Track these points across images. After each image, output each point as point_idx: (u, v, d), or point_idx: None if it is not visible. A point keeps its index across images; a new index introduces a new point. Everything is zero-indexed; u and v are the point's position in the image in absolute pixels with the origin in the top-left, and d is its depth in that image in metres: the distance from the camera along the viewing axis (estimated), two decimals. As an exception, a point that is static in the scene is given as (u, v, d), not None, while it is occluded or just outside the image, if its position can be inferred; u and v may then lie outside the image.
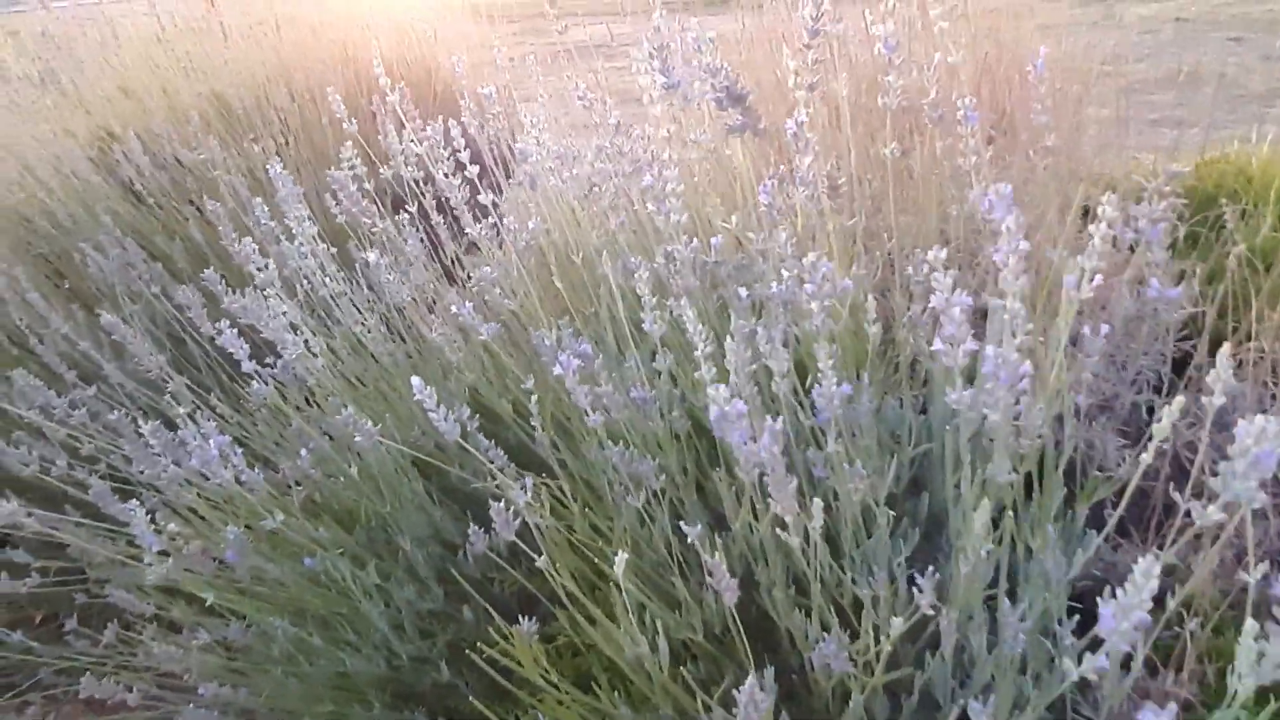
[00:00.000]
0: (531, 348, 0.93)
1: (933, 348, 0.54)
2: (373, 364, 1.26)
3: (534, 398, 0.81)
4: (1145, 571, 0.50)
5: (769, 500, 0.67)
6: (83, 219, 1.73)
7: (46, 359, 1.45)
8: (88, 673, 0.94)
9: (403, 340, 1.31)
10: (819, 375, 0.60)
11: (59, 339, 1.56)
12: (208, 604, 0.96)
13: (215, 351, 1.77)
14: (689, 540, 0.70)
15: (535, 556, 0.91)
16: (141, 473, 1.23)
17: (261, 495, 0.98)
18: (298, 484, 1.22)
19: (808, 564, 0.71)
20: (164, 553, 0.91)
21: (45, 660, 1.39)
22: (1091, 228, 0.58)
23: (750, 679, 0.64)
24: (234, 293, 1.26)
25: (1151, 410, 1.17)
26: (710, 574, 0.66)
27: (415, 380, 0.72)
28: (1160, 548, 0.64)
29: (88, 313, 1.76)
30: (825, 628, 0.75)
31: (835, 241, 0.75)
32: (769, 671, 0.76)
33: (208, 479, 1.00)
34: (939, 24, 0.75)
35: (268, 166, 1.30)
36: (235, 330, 1.15)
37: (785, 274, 0.68)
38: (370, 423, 1.09)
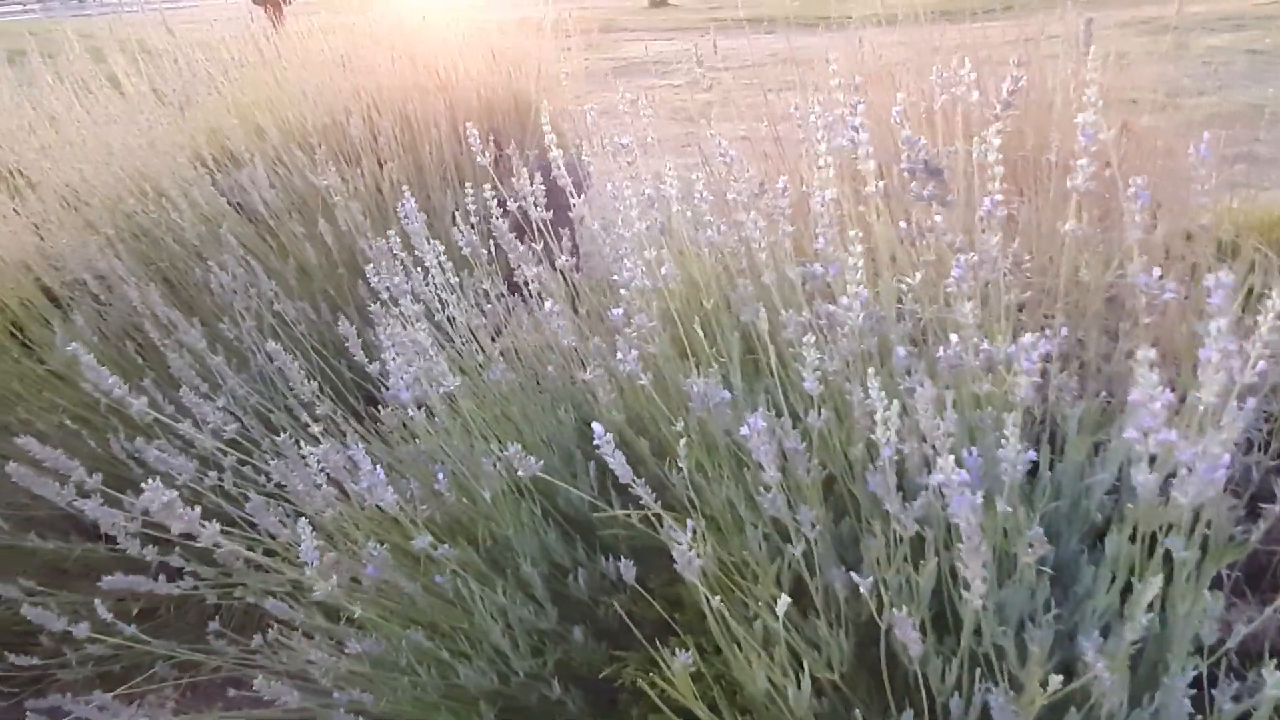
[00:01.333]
0: (678, 390, 0.98)
1: (1125, 434, 0.58)
2: (498, 394, 1.33)
3: (683, 440, 0.86)
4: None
5: (923, 552, 0.72)
6: (207, 237, 1.84)
7: (183, 374, 1.54)
8: (260, 673, 1.01)
9: (529, 373, 1.38)
10: (1003, 439, 0.64)
11: (187, 353, 1.66)
12: (354, 616, 1.03)
13: (348, 373, 1.86)
14: (853, 589, 0.75)
15: (640, 585, 0.96)
16: (276, 485, 1.31)
17: (408, 515, 1.05)
18: (422, 503, 1.29)
19: (955, 619, 0.75)
20: (320, 568, 0.97)
21: (157, 652, 1.48)
22: (1260, 318, 0.62)
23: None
24: (366, 323, 1.34)
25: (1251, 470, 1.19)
26: (895, 627, 0.71)
27: (597, 427, 0.78)
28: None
29: (206, 328, 1.86)
30: (967, 677, 0.79)
31: (1009, 314, 0.79)
32: (908, 715, 0.81)
33: (350, 498, 1.07)
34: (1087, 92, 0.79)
35: (401, 202, 1.37)
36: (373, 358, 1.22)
37: (954, 339, 0.72)
38: (498, 450, 1.16)
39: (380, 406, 1.45)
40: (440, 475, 1.12)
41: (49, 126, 2.79)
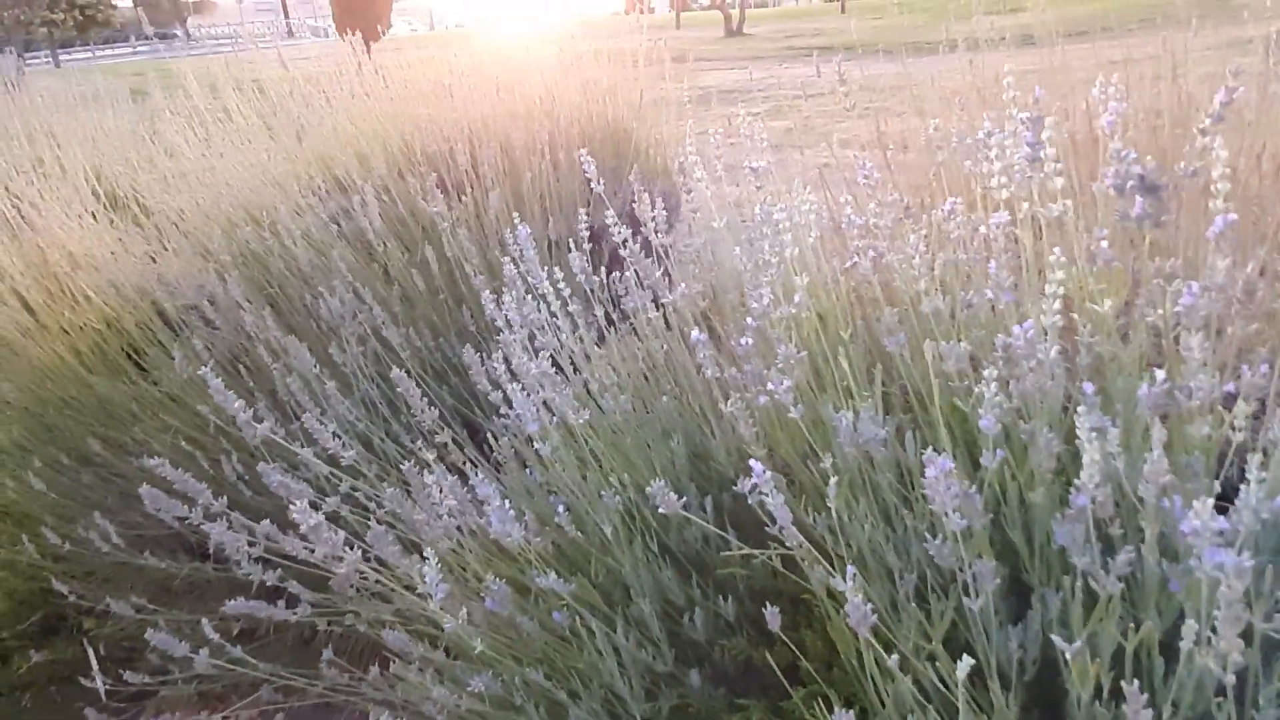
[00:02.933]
0: (818, 425, 0.93)
1: None
2: (611, 425, 1.29)
3: (833, 479, 0.80)
4: None
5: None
6: (318, 264, 1.87)
7: (298, 399, 1.55)
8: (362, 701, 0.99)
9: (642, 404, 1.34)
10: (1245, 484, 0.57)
11: (297, 378, 1.68)
12: (473, 651, 0.99)
13: (449, 398, 1.86)
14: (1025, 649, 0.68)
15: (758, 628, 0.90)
16: (389, 513, 1.29)
17: (527, 549, 1.01)
18: (535, 536, 1.26)
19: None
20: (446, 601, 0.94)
21: (261, 674, 1.47)
22: None
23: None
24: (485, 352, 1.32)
25: None
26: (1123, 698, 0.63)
27: (756, 465, 0.73)
28: None
29: (313, 354, 1.88)
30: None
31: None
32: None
33: (472, 531, 1.04)
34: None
35: (514, 230, 1.36)
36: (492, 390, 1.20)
37: (1159, 375, 0.65)
38: (619, 483, 1.12)
39: (489, 435, 1.43)
40: (561, 509, 1.08)
41: (166, 157, 2.93)
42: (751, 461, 0.73)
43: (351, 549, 1.19)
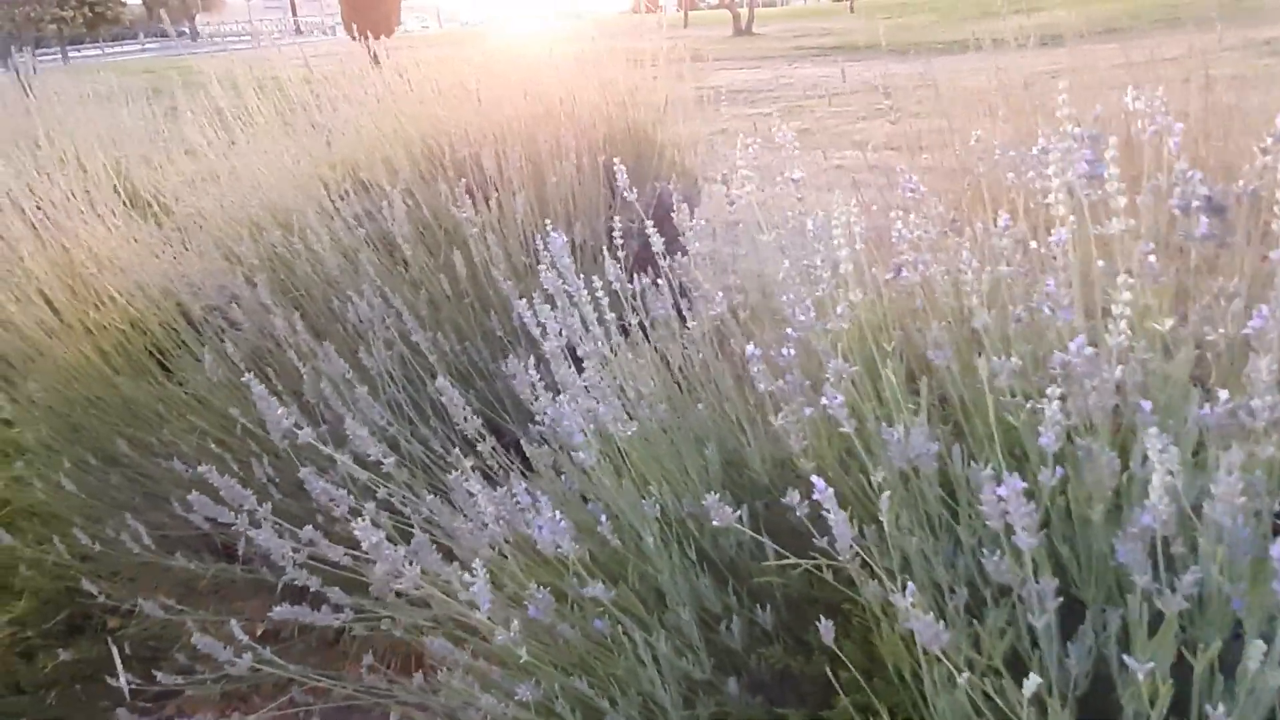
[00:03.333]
0: (867, 438, 0.93)
1: None
2: (647, 434, 1.30)
3: (885, 494, 0.80)
4: None
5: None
6: (346, 268, 1.88)
7: (331, 402, 1.56)
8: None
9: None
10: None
11: (327, 383, 1.69)
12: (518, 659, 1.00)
13: (474, 401, 1.87)
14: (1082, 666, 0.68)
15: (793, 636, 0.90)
16: (430, 522, 1.30)
17: (576, 558, 1.02)
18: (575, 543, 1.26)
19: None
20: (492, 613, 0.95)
21: (290, 675, 1.48)
22: None
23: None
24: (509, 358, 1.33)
25: None
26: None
27: (818, 481, 0.73)
28: None
29: (342, 355, 1.89)
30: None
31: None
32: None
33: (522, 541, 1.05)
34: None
35: (549, 234, 1.36)
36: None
37: (1223, 395, 0.65)
38: (660, 493, 1.12)
39: (516, 438, 1.43)
40: (603, 518, 1.09)
41: (189, 158, 2.94)
42: (814, 479, 0.73)
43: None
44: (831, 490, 0.73)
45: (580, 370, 1.24)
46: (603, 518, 1.08)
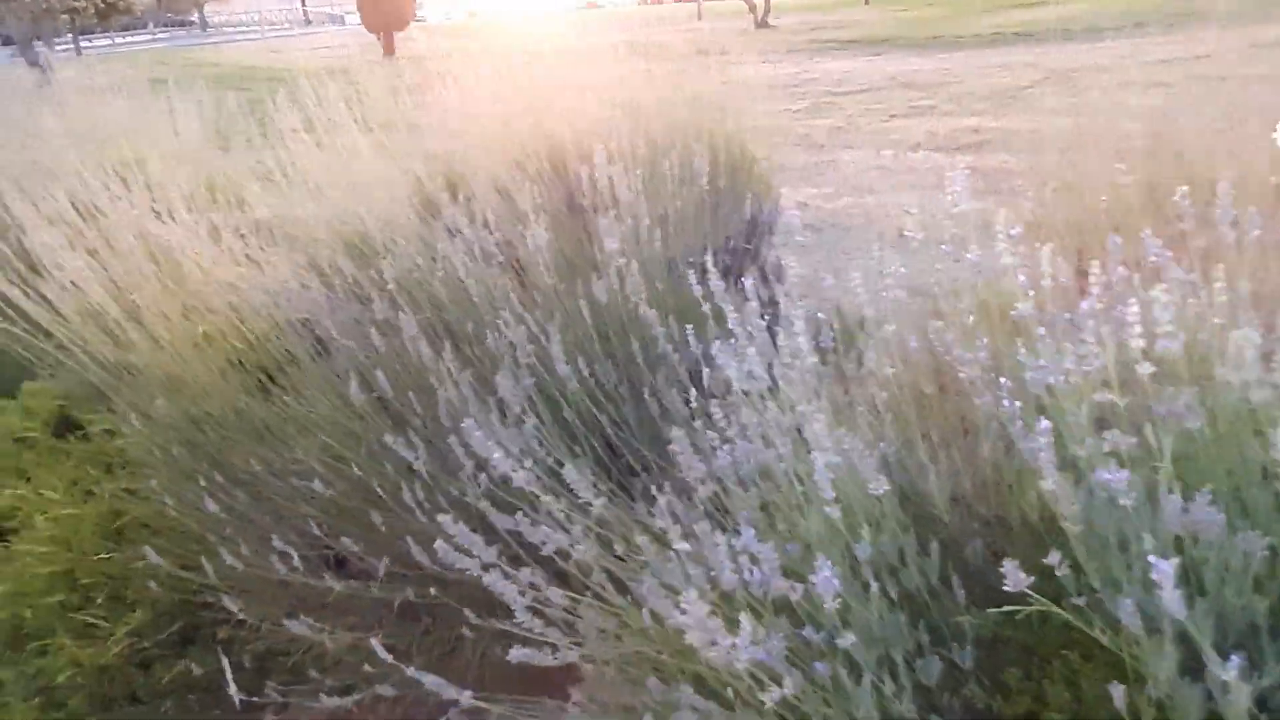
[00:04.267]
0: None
1: None
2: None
3: (1170, 562, 0.83)
4: None
5: None
6: (488, 297, 1.90)
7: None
8: None
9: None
10: None
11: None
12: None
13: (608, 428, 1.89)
14: None
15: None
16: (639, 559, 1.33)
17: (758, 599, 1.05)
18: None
19: None
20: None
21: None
22: None
23: None
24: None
25: None
26: None
27: (1161, 563, 0.75)
28: None
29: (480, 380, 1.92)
30: None
31: None
32: None
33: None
34: None
35: (701, 259, 1.38)
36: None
37: None
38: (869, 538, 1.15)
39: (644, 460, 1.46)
40: (826, 563, 1.11)
41: (281, 172, 2.95)
42: (1154, 559, 0.75)
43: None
44: (1171, 568, 0.75)
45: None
46: (826, 563, 1.10)
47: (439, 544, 1.10)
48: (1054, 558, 0.95)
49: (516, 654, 1.09)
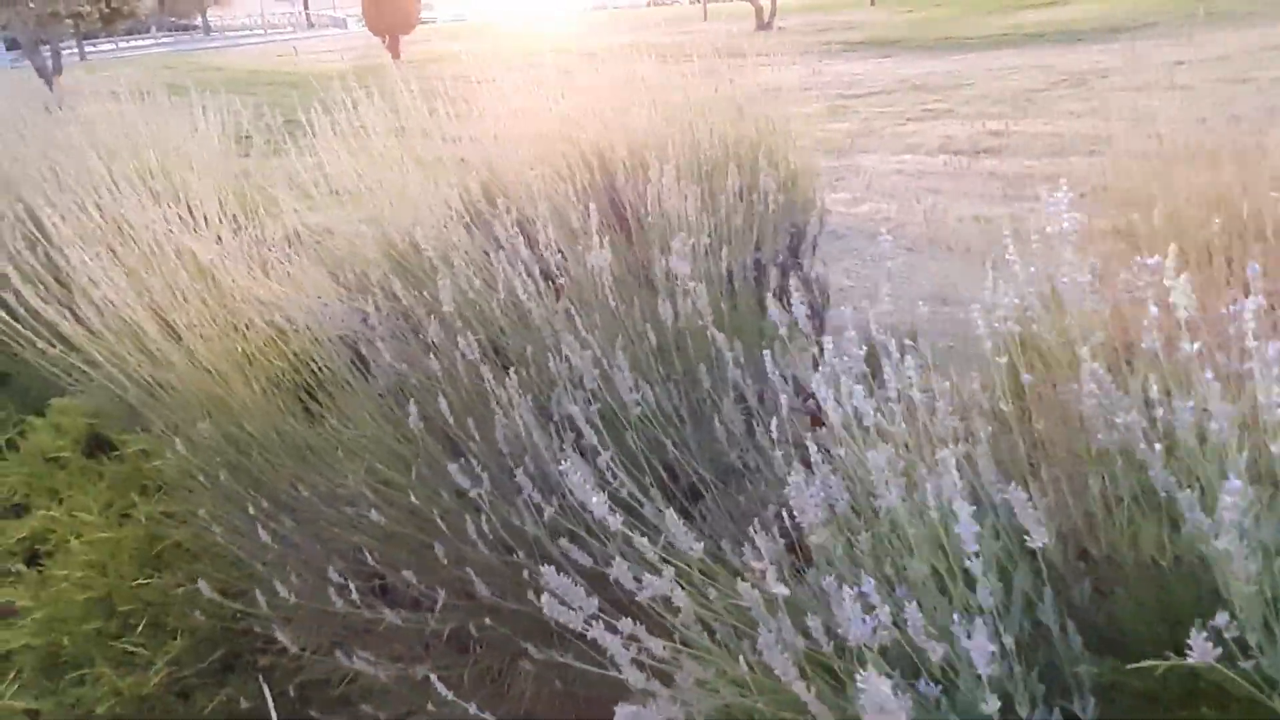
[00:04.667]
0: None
1: None
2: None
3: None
4: None
5: None
6: (548, 320, 1.84)
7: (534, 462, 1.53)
8: None
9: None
10: None
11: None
12: None
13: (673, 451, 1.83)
14: None
15: None
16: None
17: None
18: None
19: None
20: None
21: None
22: None
23: None
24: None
25: None
26: None
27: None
28: None
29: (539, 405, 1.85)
30: None
31: None
32: None
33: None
34: None
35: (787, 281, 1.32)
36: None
37: None
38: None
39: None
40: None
41: (320, 189, 2.90)
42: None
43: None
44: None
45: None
46: (980, 626, 1.04)
47: (545, 598, 1.03)
48: (1221, 619, 0.89)
49: (623, 713, 1.03)
